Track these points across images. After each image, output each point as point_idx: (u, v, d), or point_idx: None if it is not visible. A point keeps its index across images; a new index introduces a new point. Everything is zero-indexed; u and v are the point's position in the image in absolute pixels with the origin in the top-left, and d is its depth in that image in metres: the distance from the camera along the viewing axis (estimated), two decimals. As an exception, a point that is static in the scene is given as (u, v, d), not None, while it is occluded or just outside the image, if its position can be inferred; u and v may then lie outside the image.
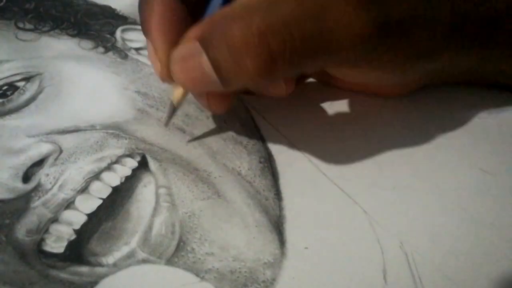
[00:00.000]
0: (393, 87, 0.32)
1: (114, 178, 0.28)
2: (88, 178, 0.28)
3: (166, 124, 0.29)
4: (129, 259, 0.25)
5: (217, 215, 0.27)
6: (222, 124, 0.31)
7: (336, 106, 0.33)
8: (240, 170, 0.29)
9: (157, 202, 0.27)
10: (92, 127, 0.30)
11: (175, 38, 0.25)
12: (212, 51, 0.23)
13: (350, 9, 0.23)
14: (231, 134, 0.31)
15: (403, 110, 0.32)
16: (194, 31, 0.24)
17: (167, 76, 0.25)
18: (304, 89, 0.33)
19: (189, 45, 0.23)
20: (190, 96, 0.30)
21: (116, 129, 0.30)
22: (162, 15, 0.25)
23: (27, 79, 0.32)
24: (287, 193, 0.28)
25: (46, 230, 0.26)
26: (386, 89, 0.32)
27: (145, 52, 0.35)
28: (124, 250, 0.26)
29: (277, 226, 0.27)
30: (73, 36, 0.35)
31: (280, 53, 0.22)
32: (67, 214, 0.26)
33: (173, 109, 0.28)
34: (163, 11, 0.25)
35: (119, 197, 0.27)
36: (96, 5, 0.38)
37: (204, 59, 0.23)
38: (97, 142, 0.29)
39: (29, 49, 0.34)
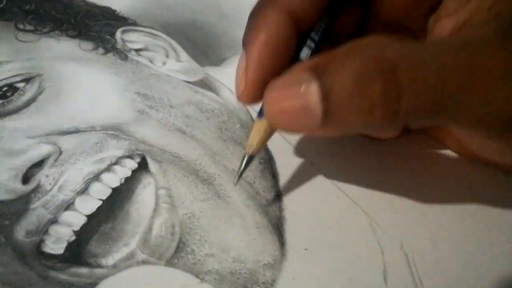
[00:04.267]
0: None
1: (114, 179, 0.28)
2: (87, 179, 0.28)
3: (237, 181, 0.26)
4: (129, 260, 0.25)
5: (217, 216, 0.27)
6: (222, 125, 0.31)
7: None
8: (240, 171, 0.29)
9: (156, 203, 0.27)
10: (92, 128, 0.30)
11: (273, 64, 0.22)
12: (327, 78, 0.19)
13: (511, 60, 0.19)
14: (231, 135, 0.30)
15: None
16: (303, 65, 0.20)
17: (246, 98, 0.23)
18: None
19: (296, 74, 0.20)
20: (190, 97, 0.30)
21: (116, 130, 0.30)
22: (274, 32, 0.22)
23: (27, 80, 0.32)
24: (287, 194, 0.28)
25: (46, 231, 0.26)
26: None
27: (144, 53, 0.35)
28: (123, 251, 0.26)
29: (277, 227, 0.27)
30: (73, 37, 0.35)
31: (409, 89, 0.19)
32: (67, 215, 0.26)
33: (249, 160, 0.25)
34: (277, 29, 0.22)
35: (119, 198, 0.27)
36: (96, 6, 0.37)
37: (313, 88, 0.19)
38: (97, 143, 0.29)
39: (29, 50, 0.34)
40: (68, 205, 0.27)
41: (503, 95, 0.20)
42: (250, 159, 0.25)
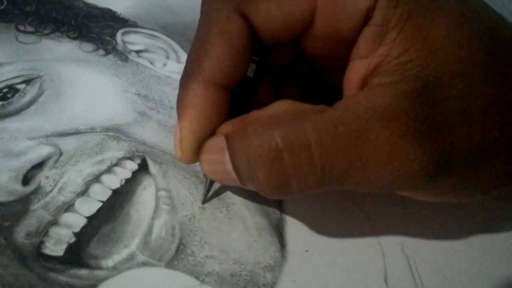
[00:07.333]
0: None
1: (114, 181, 0.28)
2: (88, 181, 0.28)
3: (204, 201, 0.27)
4: (129, 262, 0.25)
5: (217, 218, 0.27)
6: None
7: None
8: (241, 173, 0.29)
9: (157, 204, 0.27)
10: (92, 130, 0.30)
11: (203, 131, 0.24)
12: (233, 154, 0.22)
13: (396, 141, 0.20)
14: (231, 136, 0.30)
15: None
16: (227, 126, 0.23)
17: (185, 161, 0.25)
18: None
19: (219, 139, 0.23)
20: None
21: (116, 132, 0.30)
22: (200, 106, 0.23)
23: (28, 81, 0.32)
24: (288, 196, 0.28)
25: (46, 233, 0.26)
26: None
27: (145, 54, 0.35)
28: (124, 253, 0.26)
29: (278, 229, 0.27)
30: (73, 38, 0.35)
31: (295, 174, 0.21)
32: (67, 217, 0.26)
33: (211, 184, 0.27)
34: (203, 102, 0.23)
35: (119, 199, 0.27)
36: (96, 7, 0.37)
37: (227, 158, 0.22)
38: (97, 144, 0.29)
39: (29, 51, 0.34)
40: (68, 207, 0.27)
41: (391, 172, 0.20)
42: (211, 183, 0.27)
